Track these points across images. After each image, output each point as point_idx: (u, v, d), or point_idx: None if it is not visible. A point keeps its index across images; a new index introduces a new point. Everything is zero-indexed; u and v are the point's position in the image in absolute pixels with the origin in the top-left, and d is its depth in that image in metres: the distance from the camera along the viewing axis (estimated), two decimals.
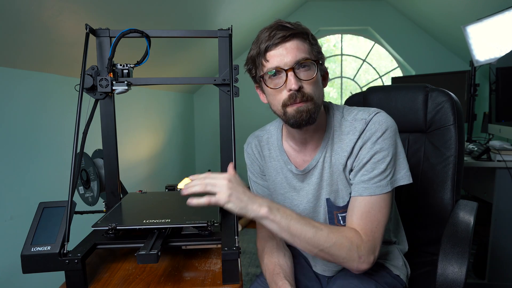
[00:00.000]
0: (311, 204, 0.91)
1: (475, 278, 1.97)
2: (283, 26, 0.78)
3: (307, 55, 0.78)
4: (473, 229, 0.93)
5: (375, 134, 0.80)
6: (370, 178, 0.80)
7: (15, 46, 1.25)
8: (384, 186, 0.80)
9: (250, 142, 1.00)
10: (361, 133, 0.82)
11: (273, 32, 0.77)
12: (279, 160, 0.94)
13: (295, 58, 0.77)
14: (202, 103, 3.82)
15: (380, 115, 0.83)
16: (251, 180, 1.02)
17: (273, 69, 0.78)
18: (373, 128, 0.81)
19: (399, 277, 0.91)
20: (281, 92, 0.79)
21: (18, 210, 1.32)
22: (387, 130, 0.81)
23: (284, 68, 0.77)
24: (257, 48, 0.80)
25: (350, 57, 3.89)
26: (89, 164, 0.96)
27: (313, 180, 0.89)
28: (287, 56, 0.77)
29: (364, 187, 0.80)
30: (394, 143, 0.81)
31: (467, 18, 2.32)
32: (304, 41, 0.79)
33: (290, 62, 0.77)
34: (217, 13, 2.30)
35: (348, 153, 0.84)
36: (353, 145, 0.83)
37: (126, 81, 0.90)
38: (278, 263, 0.87)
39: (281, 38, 0.77)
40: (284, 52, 0.77)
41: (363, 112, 0.85)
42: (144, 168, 2.56)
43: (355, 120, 0.85)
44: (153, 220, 0.78)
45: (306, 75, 0.78)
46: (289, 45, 0.77)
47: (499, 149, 1.80)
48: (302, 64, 0.78)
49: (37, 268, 0.68)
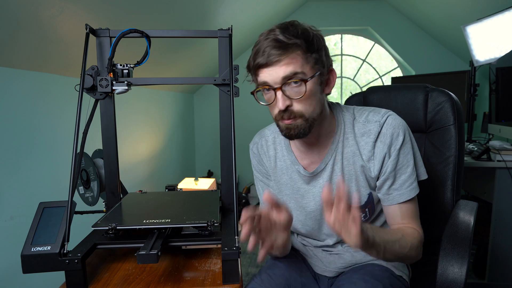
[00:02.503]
0: (319, 207, 0.91)
1: (475, 278, 1.97)
2: (278, 41, 0.73)
3: (297, 69, 0.74)
4: (473, 229, 0.93)
5: (397, 140, 0.82)
6: (401, 184, 0.84)
7: (15, 46, 1.25)
8: (415, 187, 0.85)
9: (257, 142, 1.00)
10: (377, 136, 0.83)
11: (266, 49, 0.74)
12: (285, 160, 0.94)
13: (284, 73, 0.74)
14: (202, 103, 3.82)
15: (392, 117, 0.84)
16: (257, 179, 1.02)
17: (262, 86, 0.78)
18: (394, 132, 0.82)
19: (402, 277, 0.91)
20: (273, 108, 0.79)
21: (18, 210, 1.32)
22: (406, 133, 0.84)
23: (273, 86, 0.76)
24: (252, 61, 0.78)
25: (350, 57, 3.89)
26: (89, 164, 0.96)
27: (321, 183, 0.89)
28: (276, 74, 0.74)
29: (398, 194, 0.84)
30: (412, 144, 0.86)
31: (467, 18, 2.32)
32: (299, 54, 0.75)
33: (278, 81, 0.75)
34: (217, 13, 2.30)
35: (368, 156, 0.85)
36: (373, 147, 0.84)
37: (126, 81, 0.90)
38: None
39: (273, 57, 0.73)
40: (274, 69, 0.75)
41: (374, 113, 0.86)
42: (144, 168, 2.56)
43: (368, 122, 0.85)
44: (153, 220, 0.77)
45: (295, 92, 0.75)
46: (281, 61, 0.74)
47: (499, 149, 1.80)
48: (292, 80, 0.74)
49: (37, 268, 0.68)
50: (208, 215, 0.81)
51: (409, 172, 0.84)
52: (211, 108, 3.79)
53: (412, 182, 0.84)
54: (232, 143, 0.83)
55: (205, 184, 2.78)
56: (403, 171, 0.84)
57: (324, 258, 0.98)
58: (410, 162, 0.84)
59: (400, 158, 0.83)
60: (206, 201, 0.96)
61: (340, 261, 0.95)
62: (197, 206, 0.93)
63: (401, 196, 0.84)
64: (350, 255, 0.94)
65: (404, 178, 0.84)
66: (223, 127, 0.97)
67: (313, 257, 1.00)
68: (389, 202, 0.85)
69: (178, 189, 1.11)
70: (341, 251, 0.95)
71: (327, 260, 0.97)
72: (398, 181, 0.84)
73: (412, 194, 0.84)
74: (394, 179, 0.84)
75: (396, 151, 0.83)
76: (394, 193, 0.84)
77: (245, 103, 3.63)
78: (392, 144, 0.82)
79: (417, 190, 0.85)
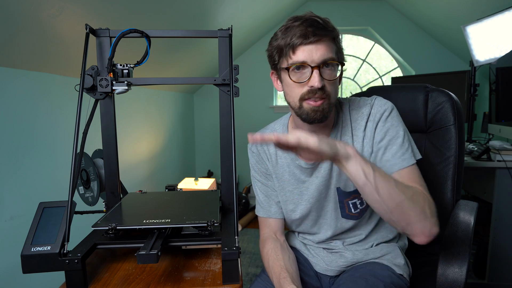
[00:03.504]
0: (321, 195, 0.93)
1: (475, 278, 1.97)
2: (317, 22, 0.78)
3: (333, 55, 0.80)
4: (473, 229, 0.93)
5: (384, 114, 0.86)
6: (393, 154, 0.83)
7: (15, 46, 1.25)
8: (409, 158, 0.83)
9: None
10: (368, 116, 0.88)
11: (308, 28, 0.77)
12: (286, 157, 0.95)
13: (323, 57, 0.78)
14: (202, 103, 3.82)
15: (379, 98, 0.90)
16: (255, 178, 1.03)
17: (299, 64, 0.79)
18: (380, 109, 0.87)
19: (403, 276, 0.91)
20: (302, 87, 0.81)
21: (18, 210, 1.32)
22: (393, 109, 0.87)
23: (311, 64, 0.78)
24: (287, 39, 0.79)
25: (350, 57, 3.89)
26: (89, 164, 0.96)
27: (322, 173, 0.91)
28: (316, 54, 0.78)
29: (391, 164, 0.83)
30: (401, 121, 0.87)
31: (467, 18, 2.32)
32: (333, 41, 0.81)
33: (318, 60, 0.78)
34: (217, 13, 2.30)
35: (361, 137, 0.88)
36: (364, 128, 0.87)
37: (126, 81, 0.90)
38: (284, 266, 0.87)
39: (314, 38, 0.77)
40: (313, 49, 0.78)
41: (364, 99, 0.92)
42: (144, 168, 2.56)
43: (359, 107, 0.90)
44: (153, 220, 0.77)
45: (330, 75, 0.80)
46: (320, 43, 0.78)
47: (499, 149, 1.80)
48: (327, 63, 0.79)
49: (37, 268, 0.68)
50: (208, 215, 0.81)
51: (399, 142, 0.84)
52: (211, 108, 3.79)
53: (404, 153, 0.82)
54: (232, 143, 0.83)
55: (205, 184, 2.78)
56: (394, 142, 0.84)
57: (325, 257, 0.98)
58: (400, 134, 0.84)
59: (389, 130, 0.85)
60: (206, 201, 0.96)
61: (341, 260, 0.95)
62: (197, 206, 0.93)
63: (393, 166, 0.82)
64: (351, 253, 0.95)
65: (396, 148, 0.83)
66: (223, 127, 0.97)
67: (314, 256, 1.00)
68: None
69: (178, 189, 1.11)
70: (342, 250, 0.96)
71: (329, 259, 0.97)
72: (389, 152, 0.83)
73: (405, 164, 0.81)
74: (385, 150, 0.84)
75: (382, 122, 0.85)
76: (387, 164, 0.83)
77: (245, 103, 3.65)
78: (380, 119, 0.86)
79: (411, 161, 0.82)
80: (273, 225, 1.00)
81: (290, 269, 0.87)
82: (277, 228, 1.00)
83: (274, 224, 1.00)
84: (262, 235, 1.00)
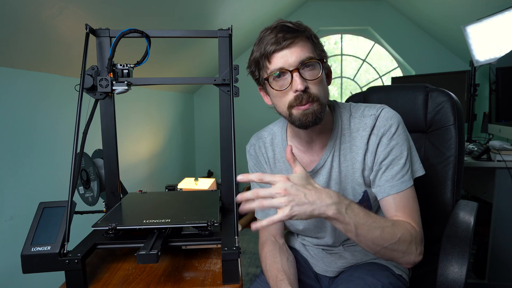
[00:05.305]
0: None
1: (475, 278, 1.97)
2: (287, 27, 0.77)
3: (310, 54, 0.78)
4: (473, 229, 0.93)
5: (389, 130, 0.82)
6: (393, 176, 0.81)
7: (15, 46, 1.25)
8: (408, 180, 0.82)
9: (254, 144, 1.00)
10: (372, 128, 0.84)
11: (278, 34, 0.76)
12: (285, 162, 0.94)
13: (299, 58, 0.76)
14: (202, 103, 3.82)
15: (386, 110, 0.85)
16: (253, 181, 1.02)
17: (277, 71, 0.78)
18: (386, 124, 0.83)
19: (402, 276, 0.91)
20: (287, 94, 0.79)
21: (18, 210, 1.32)
22: (399, 125, 0.83)
23: (288, 69, 0.77)
24: (261, 50, 0.79)
25: (350, 57, 3.89)
26: (89, 164, 0.95)
27: (321, 180, 0.89)
28: (291, 57, 0.76)
29: (390, 185, 0.81)
30: (407, 137, 0.84)
31: (467, 18, 2.32)
32: (307, 40, 0.79)
33: (295, 63, 0.76)
34: (217, 13, 2.30)
35: (363, 150, 0.84)
36: (367, 141, 0.84)
37: (126, 81, 0.90)
38: (281, 268, 0.86)
39: (286, 42, 0.76)
40: (288, 53, 0.77)
41: (370, 108, 0.87)
42: (144, 168, 2.56)
43: (363, 117, 0.86)
44: (153, 220, 0.77)
45: (311, 74, 0.78)
46: (293, 46, 0.77)
47: (499, 149, 1.80)
48: (306, 64, 0.77)
49: (37, 268, 0.68)
50: (208, 215, 0.81)
51: (401, 163, 0.82)
52: (211, 108, 3.79)
53: (403, 175, 0.81)
54: (232, 143, 0.83)
55: (205, 184, 2.78)
56: (396, 162, 0.82)
57: (324, 258, 0.98)
58: (404, 154, 0.82)
59: (393, 149, 0.82)
60: (206, 201, 0.96)
61: (340, 261, 0.95)
62: (197, 206, 0.93)
63: (392, 188, 0.81)
64: (350, 254, 0.94)
65: (397, 169, 0.81)
66: (223, 127, 0.96)
67: (313, 257, 1.00)
68: (381, 195, 0.83)
69: (178, 189, 1.11)
70: (342, 251, 0.96)
71: (328, 260, 0.97)
72: (390, 172, 0.82)
73: (403, 186, 0.81)
74: (385, 169, 0.82)
75: (388, 140, 0.82)
76: (386, 185, 0.82)
77: (245, 103, 3.65)
78: (384, 135, 0.83)
79: (409, 184, 0.82)
80: (272, 228, 0.99)
81: (288, 271, 0.86)
82: (276, 231, 0.99)
83: (273, 227, 0.99)
84: (261, 237, 1.00)
